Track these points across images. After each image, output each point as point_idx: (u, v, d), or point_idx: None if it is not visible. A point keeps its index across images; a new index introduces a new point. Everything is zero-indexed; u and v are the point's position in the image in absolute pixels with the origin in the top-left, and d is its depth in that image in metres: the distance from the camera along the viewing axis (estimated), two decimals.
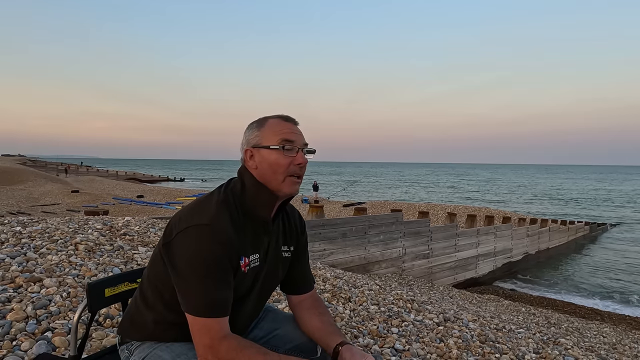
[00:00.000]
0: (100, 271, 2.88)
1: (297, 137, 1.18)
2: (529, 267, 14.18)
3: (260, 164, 1.16)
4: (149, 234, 4.15)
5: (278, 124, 1.19)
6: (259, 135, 1.18)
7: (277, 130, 1.17)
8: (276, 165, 1.15)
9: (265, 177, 1.16)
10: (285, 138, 1.16)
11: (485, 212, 18.58)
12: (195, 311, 1.06)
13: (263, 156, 1.16)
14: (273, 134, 1.17)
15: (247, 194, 1.17)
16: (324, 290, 3.63)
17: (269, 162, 1.15)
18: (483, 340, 3.12)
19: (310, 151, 1.21)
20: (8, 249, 2.97)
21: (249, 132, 1.21)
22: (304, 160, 1.18)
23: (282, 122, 1.20)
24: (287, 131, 1.17)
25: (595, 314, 9.52)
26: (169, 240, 1.10)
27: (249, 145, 1.19)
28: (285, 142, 1.16)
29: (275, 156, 1.15)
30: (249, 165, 1.19)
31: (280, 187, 1.16)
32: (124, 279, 1.48)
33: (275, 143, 1.15)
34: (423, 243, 9.70)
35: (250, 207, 1.17)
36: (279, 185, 1.16)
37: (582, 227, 20.13)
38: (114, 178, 47.03)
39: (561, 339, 4.07)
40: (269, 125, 1.18)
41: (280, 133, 1.16)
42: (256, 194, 1.17)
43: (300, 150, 1.18)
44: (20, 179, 26.60)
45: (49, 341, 1.94)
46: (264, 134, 1.17)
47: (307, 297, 1.37)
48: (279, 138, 1.16)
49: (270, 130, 1.17)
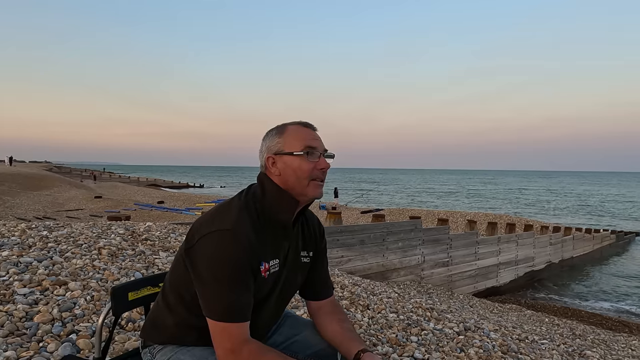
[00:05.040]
0: (123, 275, 2.93)
1: (318, 143, 1.21)
2: (552, 276, 13.78)
3: (284, 170, 1.18)
4: (170, 239, 4.21)
5: (299, 131, 1.21)
6: (281, 142, 1.20)
7: (299, 136, 1.19)
8: (300, 171, 1.17)
9: (289, 183, 1.18)
10: (308, 144, 1.18)
11: (506, 220, 18.21)
12: (216, 316, 1.08)
13: (286, 162, 1.18)
14: (295, 140, 1.19)
15: (267, 199, 1.18)
16: (342, 297, 3.61)
17: (293, 168, 1.17)
18: (505, 351, 3.05)
19: (330, 155, 1.24)
20: (35, 252, 3.06)
21: (269, 139, 1.23)
22: (327, 165, 1.20)
23: (303, 128, 1.22)
24: (309, 137, 1.20)
25: (623, 325, 9.18)
26: (190, 246, 1.12)
27: (271, 152, 1.21)
28: (308, 148, 1.18)
29: (299, 162, 1.17)
30: (271, 172, 1.21)
31: (305, 192, 1.19)
32: (146, 283, 1.51)
33: (298, 149, 1.17)
34: (442, 251, 9.56)
35: (271, 212, 1.18)
36: (303, 190, 1.18)
37: (608, 235, 19.50)
38: (135, 184, 47.96)
39: (587, 351, 3.94)
40: (290, 132, 1.20)
41: (303, 139, 1.19)
42: (278, 199, 1.18)
43: (321, 155, 1.20)
44: (46, 185, 27.39)
45: (73, 343, 1.98)
46: (286, 140, 1.19)
47: (327, 303, 1.37)
48: (302, 144, 1.18)
49: (292, 137, 1.19)
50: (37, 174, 32.41)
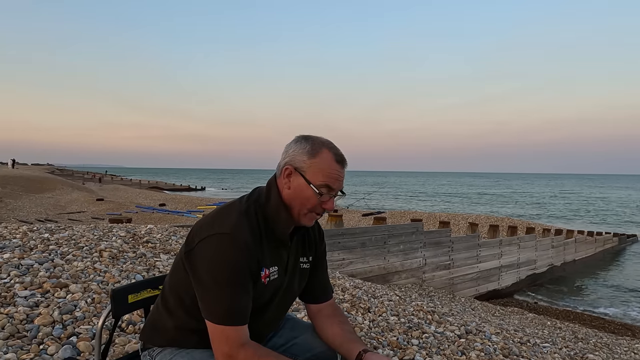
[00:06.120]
0: (124, 278, 2.93)
1: (338, 184, 1.17)
2: (554, 279, 13.74)
3: (294, 190, 1.16)
4: (171, 241, 4.22)
5: (329, 164, 1.15)
6: (307, 163, 1.15)
7: (325, 170, 1.14)
8: (305, 200, 1.15)
9: (292, 202, 1.16)
10: (328, 184, 1.14)
11: (507, 222, 18.17)
12: (214, 318, 1.08)
13: (300, 184, 1.15)
14: (320, 172, 1.14)
15: (269, 208, 1.17)
16: (343, 300, 3.61)
17: (301, 192, 1.15)
18: (506, 354, 3.04)
19: (340, 194, 1.21)
20: (37, 255, 3.07)
21: (298, 150, 1.17)
22: (332, 208, 1.18)
23: (334, 162, 1.16)
24: (334, 176, 1.15)
25: (626, 329, 9.13)
26: (190, 248, 1.12)
27: (292, 164, 1.16)
28: (327, 188, 1.15)
29: (310, 194, 1.14)
30: (282, 183, 1.18)
31: (299, 218, 1.18)
32: (146, 285, 1.51)
33: (316, 183, 1.14)
34: (444, 253, 9.54)
35: (271, 221, 1.17)
36: (298, 215, 1.17)
37: (610, 238, 19.43)
38: (137, 187, 47.99)
39: (589, 354, 3.92)
40: (320, 159, 1.15)
41: (327, 176, 1.14)
42: (278, 213, 1.17)
43: (333, 196, 1.17)
44: (48, 187, 27.45)
45: (74, 346, 1.98)
46: (313, 165, 1.15)
47: (326, 306, 1.37)
48: (323, 181, 1.14)
49: (319, 167, 1.14)
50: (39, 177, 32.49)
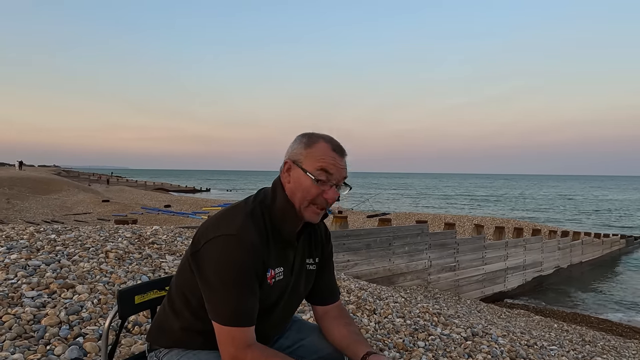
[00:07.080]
0: (130, 279, 2.94)
1: (336, 171, 1.14)
2: (561, 281, 13.62)
3: (294, 182, 1.15)
4: (176, 242, 4.23)
5: (324, 151, 1.14)
6: (304, 153, 1.15)
7: (320, 157, 1.13)
8: (305, 191, 1.13)
9: (293, 196, 1.15)
10: (324, 168, 1.12)
11: (513, 224, 18.07)
12: (221, 319, 1.07)
13: (298, 176, 1.14)
14: (315, 160, 1.13)
15: (275, 208, 1.17)
16: (348, 302, 3.60)
17: (300, 183, 1.14)
18: (513, 357, 3.02)
19: (344, 186, 1.19)
20: (43, 255, 3.08)
21: (295, 145, 1.18)
22: (334, 197, 1.15)
23: (329, 150, 1.15)
24: (330, 162, 1.13)
25: (634, 332, 9.04)
26: (196, 250, 1.12)
27: (291, 158, 1.17)
28: (323, 172, 1.12)
29: (309, 183, 1.13)
30: (284, 178, 1.18)
31: (301, 212, 1.16)
32: (152, 286, 1.51)
33: (312, 170, 1.12)
34: (449, 255, 9.50)
35: (277, 221, 1.17)
36: (300, 208, 1.15)
37: (617, 240, 19.27)
38: (143, 188, 48.26)
39: (597, 357, 3.89)
40: (316, 149, 1.14)
41: (322, 161, 1.13)
42: (284, 211, 1.16)
43: (334, 185, 1.15)
44: (55, 189, 27.66)
45: (80, 346, 1.99)
46: (309, 155, 1.14)
47: (333, 308, 1.36)
48: (318, 166, 1.12)
49: (314, 155, 1.14)
50: (46, 178, 32.74)
